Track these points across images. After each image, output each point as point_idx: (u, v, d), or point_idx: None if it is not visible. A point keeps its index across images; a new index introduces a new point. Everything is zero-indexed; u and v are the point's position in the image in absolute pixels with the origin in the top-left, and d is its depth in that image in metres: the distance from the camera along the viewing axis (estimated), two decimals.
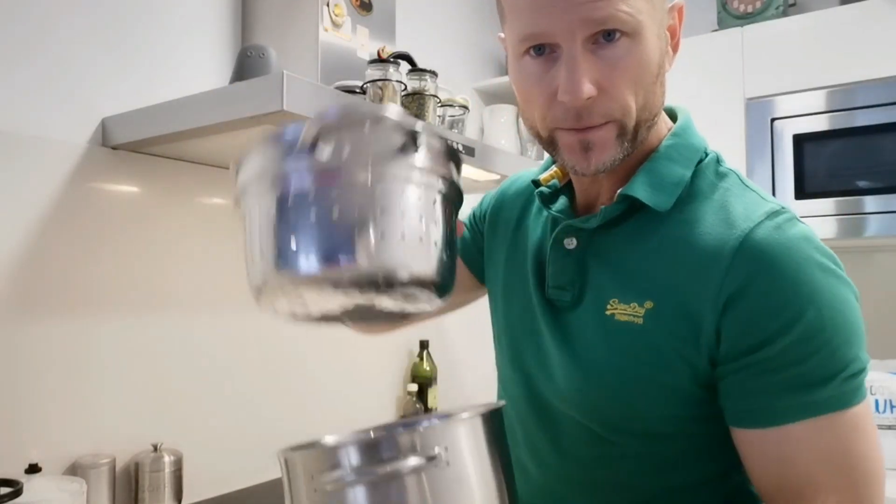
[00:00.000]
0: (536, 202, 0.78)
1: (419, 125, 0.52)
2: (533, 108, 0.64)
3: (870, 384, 1.77)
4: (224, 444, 1.45)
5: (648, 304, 0.63)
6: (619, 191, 0.66)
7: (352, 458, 0.50)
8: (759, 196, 0.64)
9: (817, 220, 1.87)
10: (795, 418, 0.57)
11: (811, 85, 1.91)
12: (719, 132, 2.01)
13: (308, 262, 0.49)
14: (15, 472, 1.06)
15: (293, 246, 0.50)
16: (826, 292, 0.57)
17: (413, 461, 0.49)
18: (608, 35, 0.58)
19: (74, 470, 1.17)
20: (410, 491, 0.49)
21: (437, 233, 0.53)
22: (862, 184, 1.82)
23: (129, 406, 1.29)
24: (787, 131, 1.92)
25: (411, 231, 0.51)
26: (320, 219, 0.49)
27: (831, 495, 0.57)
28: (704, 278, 0.60)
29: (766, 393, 0.58)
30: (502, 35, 0.69)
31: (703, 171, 0.68)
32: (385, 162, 0.50)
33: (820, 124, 1.88)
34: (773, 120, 1.94)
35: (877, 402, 1.76)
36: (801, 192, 1.89)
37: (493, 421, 0.56)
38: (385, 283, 0.50)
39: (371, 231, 0.49)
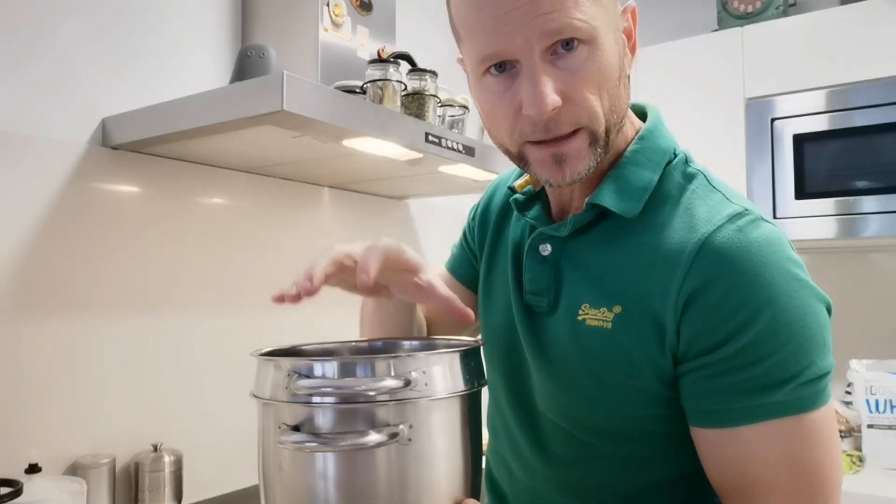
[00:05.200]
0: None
1: None
2: (499, 125, 0.64)
3: (870, 384, 1.77)
4: (224, 444, 1.45)
5: (617, 309, 0.64)
6: (586, 199, 0.67)
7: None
8: (725, 197, 0.64)
9: (817, 220, 1.87)
10: (748, 420, 0.58)
11: (811, 85, 1.91)
12: (719, 132, 2.01)
13: None
14: (15, 472, 1.06)
15: None
16: (784, 296, 0.57)
17: (376, 438, 0.50)
18: (566, 44, 0.58)
19: (74, 470, 1.17)
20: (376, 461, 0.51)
21: None
22: (861, 184, 1.82)
23: (129, 406, 1.29)
24: (787, 131, 1.92)
25: None
26: None
27: (781, 498, 0.58)
28: (667, 281, 0.61)
29: (720, 394, 0.59)
30: (461, 57, 0.69)
31: (671, 172, 0.68)
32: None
33: (820, 124, 1.88)
34: (773, 120, 1.94)
35: (877, 402, 1.76)
36: (801, 193, 1.89)
37: (469, 400, 0.57)
38: None
39: None
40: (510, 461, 0.78)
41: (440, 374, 0.54)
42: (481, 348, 0.63)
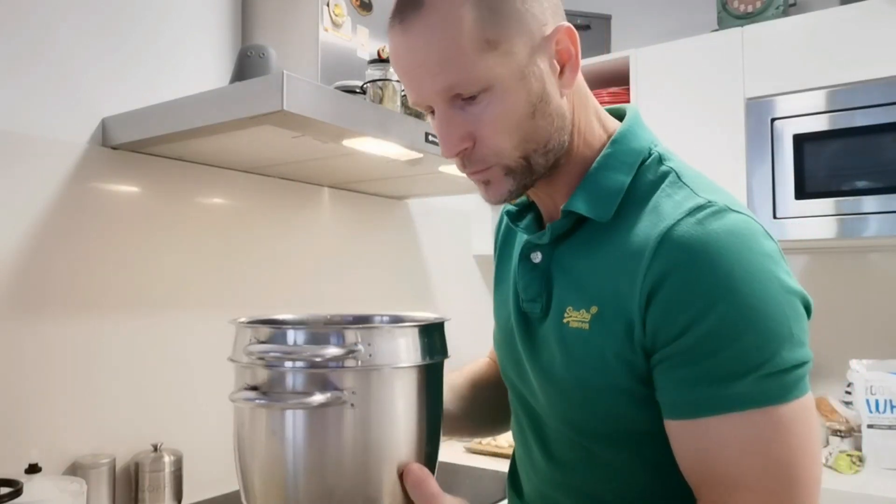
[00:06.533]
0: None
1: None
2: None
3: (870, 384, 1.77)
4: (224, 444, 1.45)
5: (594, 310, 0.65)
6: (561, 207, 0.69)
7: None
8: (692, 192, 0.64)
9: (817, 220, 1.87)
10: (711, 412, 0.58)
11: (811, 85, 1.91)
12: (719, 132, 2.01)
13: None
14: (15, 472, 1.06)
15: None
16: (744, 286, 0.57)
17: (320, 398, 0.56)
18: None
19: (74, 470, 1.17)
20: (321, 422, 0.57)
21: None
22: (862, 184, 1.82)
23: (129, 406, 1.29)
24: (787, 131, 1.92)
25: None
26: None
27: (747, 494, 0.57)
28: (631, 277, 0.62)
29: (683, 384, 0.59)
30: None
31: (644, 173, 0.69)
32: None
33: (820, 124, 1.88)
34: (773, 120, 1.94)
35: (877, 402, 1.76)
36: (801, 193, 1.89)
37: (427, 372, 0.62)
38: None
39: None
40: (526, 465, 0.80)
41: (386, 347, 0.59)
42: (444, 324, 0.66)
